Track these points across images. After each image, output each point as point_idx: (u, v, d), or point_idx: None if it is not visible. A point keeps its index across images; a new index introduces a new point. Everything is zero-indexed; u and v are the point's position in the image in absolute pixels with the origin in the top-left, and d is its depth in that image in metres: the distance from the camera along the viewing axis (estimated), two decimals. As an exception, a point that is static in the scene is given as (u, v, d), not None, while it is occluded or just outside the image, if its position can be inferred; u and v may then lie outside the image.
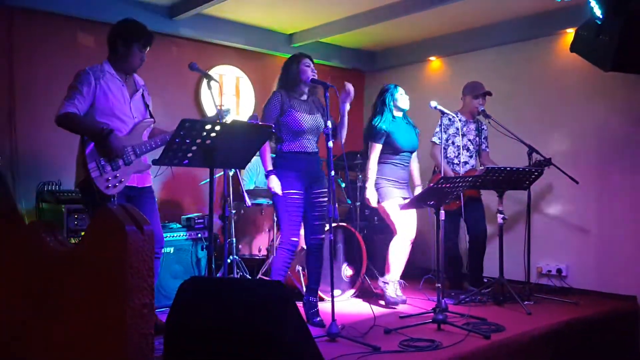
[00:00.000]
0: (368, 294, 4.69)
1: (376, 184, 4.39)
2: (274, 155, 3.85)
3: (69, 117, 3.14)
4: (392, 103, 4.42)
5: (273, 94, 3.80)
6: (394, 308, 4.30)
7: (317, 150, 3.87)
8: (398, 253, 4.37)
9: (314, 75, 3.77)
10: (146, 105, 3.50)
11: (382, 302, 4.39)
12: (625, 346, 4.46)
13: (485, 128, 4.80)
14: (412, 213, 4.42)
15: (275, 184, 3.67)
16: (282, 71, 3.87)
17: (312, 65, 3.82)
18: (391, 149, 4.38)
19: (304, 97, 3.85)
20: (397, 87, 4.49)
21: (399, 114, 4.48)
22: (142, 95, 3.49)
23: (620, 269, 4.75)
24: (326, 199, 3.89)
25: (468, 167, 4.70)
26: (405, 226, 4.35)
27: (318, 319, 3.78)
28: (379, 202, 4.38)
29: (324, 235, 3.90)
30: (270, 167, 3.74)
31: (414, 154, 4.57)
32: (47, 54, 4.61)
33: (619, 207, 4.82)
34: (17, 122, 4.46)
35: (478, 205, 4.78)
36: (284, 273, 3.74)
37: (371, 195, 4.36)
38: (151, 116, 3.50)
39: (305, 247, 3.98)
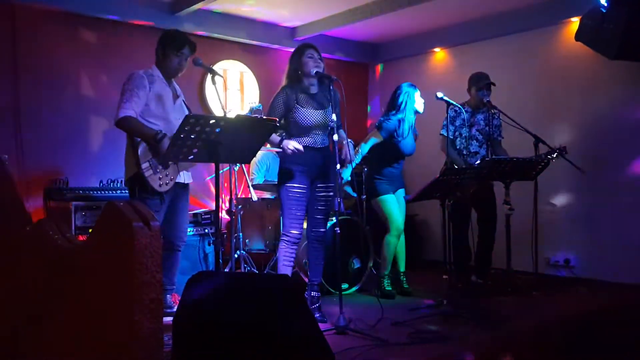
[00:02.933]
0: (375, 287, 4.69)
1: (374, 179, 4.49)
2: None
3: (128, 120, 3.30)
4: (412, 105, 4.42)
5: (278, 92, 3.71)
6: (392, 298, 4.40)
7: (326, 145, 3.78)
8: (393, 247, 4.47)
9: (317, 67, 3.63)
10: (189, 109, 3.65)
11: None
12: (635, 336, 4.44)
13: (497, 117, 4.75)
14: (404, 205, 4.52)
15: (291, 144, 3.55)
16: (288, 65, 3.78)
17: (316, 56, 3.68)
18: (394, 154, 4.47)
19: (313, 90, 3.73)
20: (416, 88, 4.48)
21: (412, 117, 4.50)
22: (183, 101, 3.67)
23: (628, 258, 4.72)
24: (331, 193, 3.83)
25: (479, 156, 4.66)
26: (397, 221, 4.43)
27: (318, 314, 3.71)
28: (375, 196, 4.46)
29: (324, 229, 3.84)
30: (279, 138, 3.61)
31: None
32: (51, 51, 4.62)
33: (627, 196, 4.79)
34: (22, 120, 4.47)
35: (489, 196, 4.72)
36: (289, 264, 3.70)
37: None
38: None
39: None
